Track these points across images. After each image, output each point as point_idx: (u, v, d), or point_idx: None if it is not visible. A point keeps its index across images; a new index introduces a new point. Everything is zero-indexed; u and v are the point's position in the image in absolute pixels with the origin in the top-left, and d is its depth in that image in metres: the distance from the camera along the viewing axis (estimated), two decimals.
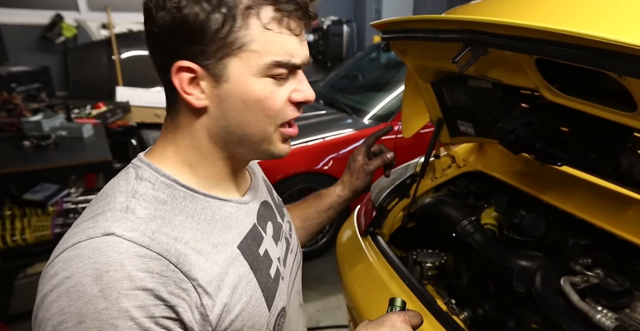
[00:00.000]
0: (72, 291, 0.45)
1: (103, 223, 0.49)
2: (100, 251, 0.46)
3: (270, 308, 0.61)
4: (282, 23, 0.53)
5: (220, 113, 0.56)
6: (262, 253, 0.63)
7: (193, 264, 0.51)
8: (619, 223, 1.05)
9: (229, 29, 0.51)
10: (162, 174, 0.56)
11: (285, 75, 0.56)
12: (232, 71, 0.53)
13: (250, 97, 0.54)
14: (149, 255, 0.48)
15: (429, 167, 1.52)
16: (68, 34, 4.27)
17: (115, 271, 0.45)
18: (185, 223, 0.54)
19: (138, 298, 0.45)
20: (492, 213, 1.35)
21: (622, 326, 0.85)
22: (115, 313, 0.44)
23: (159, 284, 0.47)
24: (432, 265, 1.30)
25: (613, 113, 0.80)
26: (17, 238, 2.05)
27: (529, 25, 0.72)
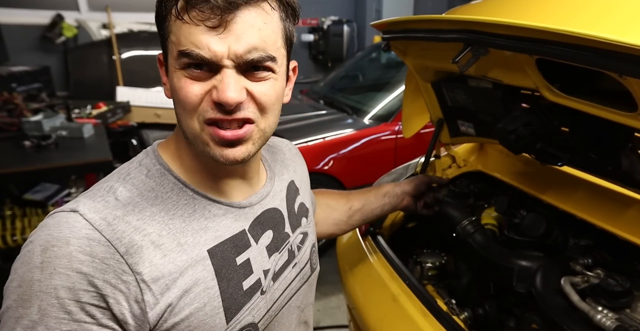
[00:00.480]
0: (26, 255, 0.48)
1: (82, 199, 0.53)
2: (58, 226, 0.49)
3: (230, 321, 0.58)
4: (190, 12, 0.50)
5: (174, 106, 0.57)
6: (239, 262, 0.60)
7: (144, 258, 0.51)
8: (619, 223, 1.05)
9: (162, 19, 0.53)
10: (160, 163, 0.58)
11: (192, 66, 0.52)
12: (169, 63, 0.54)
13: (174, 88, 0.54)
14: (97, 239, 0.49)
15: (429, 167, 1.52)
16: (68, 33, 4.27)
17: (59, 247, 0.47)
18: (156, 216, 0.54)
19: (69, 279, 0.46)
20: (493, 213, 1.35)
21: (623, 326, 0.85)
22: (44, 287, 0.46)
23: (97, 270, 0.48)
24: (432, 265, 1.30)
25: (613, 114, 0.80)
26: (18, 238, 2.05)
27: (530, 25, 0.72)
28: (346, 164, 2.77)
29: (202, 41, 0.50)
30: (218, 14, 0.49)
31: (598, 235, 1.11)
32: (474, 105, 1.32)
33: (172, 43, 0.52)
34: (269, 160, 0.76)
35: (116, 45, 4.14)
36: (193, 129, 0.54)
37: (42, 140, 2.19)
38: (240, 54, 0.51)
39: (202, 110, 0.53)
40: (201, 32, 0.50)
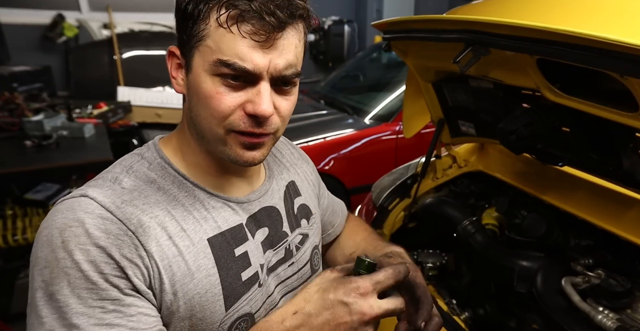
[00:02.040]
0: (44, 240, 0.51)
1: (89, 188, 0.56)
2: (72, 209, 0.52)
3: (229, 309, 0.60)
4: (241, 26, 0.51)
5: (190, 103, 0.58)
6: (237, 254, 0.62)
7: (152, 237, 0.54)
8: (620, 223, 1.05)
9: (194, 20, 0.53)
10: (161, 156, 0.61)
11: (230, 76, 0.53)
12: (194, 63, 0.55)
13: (200, 91, 0.55)
14: (110, 218, 0.52)
15: (430, 167, 1.52)
16: (69, 33, 4.28)
17: (76, 227, 0.51)
18: (160, 204, 0.57)
19: (90, 254, 0.50)
20: (493, 214, 1.35)
21: (624, 326, 0.85)
22: (69, 262, 0.49)
23: (113, 245, 0.51)
24: (433, 265, 1.30)
25: (614, 114, 0.80)
26: (19, 237, 2.05)
27: (531, 26, 0.72)
28: (347, 164, 2.77)
29: (247, 54, 0.52)
30: (269, 31, 0.51)
31: (599, 235, 1.11)
32: (474, 105, 1.32)
33: (208, 47, 0.53)
34: (268, 160, 0.77)
35: (117, 45, 4.14)
36: (214, 132, 0.56)
37: (43, 140, 2.19)
38: (280, 70, 0.54)
39: (232, 121, 0.55)
40: (248, 45, 0.51)
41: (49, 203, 2.27)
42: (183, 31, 0.55)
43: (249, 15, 0.50)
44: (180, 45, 0.57)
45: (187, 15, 0.53)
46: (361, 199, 1.74)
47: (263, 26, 0.51)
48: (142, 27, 4.52)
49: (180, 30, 0.56)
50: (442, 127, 1.45)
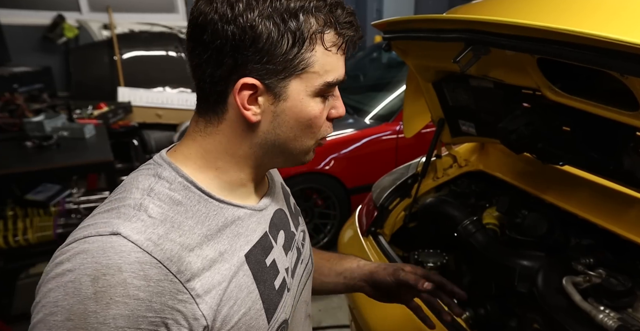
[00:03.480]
0: (69, 286, 0.45)
1: (114, 220, 0.49)
2: (104, 252, 0.46)
3: (270, 321, 0.59)
4: (341, 47, 0.56)
5: (271, 128, 0.57)
6: (268, 264, 0.62)
7: (194, 273, 0.50)
8: (621, 222, 1.05)
9: (297, 51, 0.52)
10: (181, 175, 0.56)
11: (332, 92, 0.59)
12: (291, 90, 0.55)
13: (304, 115, 0.57)
14: (149, 262, 0.47)
15: (431, 167, 1.52)
16: (70, 34, 4.28)
17: (112, 275, 0.45)
18: (195, 229, 0.53)
19: (127, 307, 0.45)
20: (494, 213, 1.35)
21: (625, 326, 0.85)
22: (102, 318, 0.44)
23: (154, 294, 0.47)
24: (433, 265, 1.30)
25: (615, 113, 0.80)
26: (20, 238, 2.05)
27: (531, 25, 0.72)
28: (347, 164, 2.77)
29: (343, 68, 0.58)
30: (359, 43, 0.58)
31: (600, 234, 1.11)
32: (475, 105, 1.32)
33: (315, 73, 0.55)
34: None
35: (117, 46, 4.14)
36: (306, 146, 0.61)
37: (43, 141, 2.19)
38: None
39: (323, 130, 0.61)
40: (342, 59, 0.58)
41: (50, 204, 2.27)
42: (270, 63, 0.52)
43: (354, 38, 0.56)
44: (264, 76, 0.53)
45: (281, 49, 0.52)
46: (362, 199, 1.74)
47: (358, 41, 0.58)
48: (142, 27, 4.52)
49: (265, 62, 0.52)
50: (442, 127, 1.45)
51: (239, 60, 0.52)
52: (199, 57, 0.54)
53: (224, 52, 0.52)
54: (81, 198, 2.42)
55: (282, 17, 0.51)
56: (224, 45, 0.51)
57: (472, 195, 1.51)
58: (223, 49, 0.52)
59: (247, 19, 0.50)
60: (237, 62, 0.52)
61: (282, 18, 0.51)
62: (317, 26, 0.53)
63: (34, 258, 2.30)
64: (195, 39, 0.54)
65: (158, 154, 0.60)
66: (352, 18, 0.55)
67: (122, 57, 4.15)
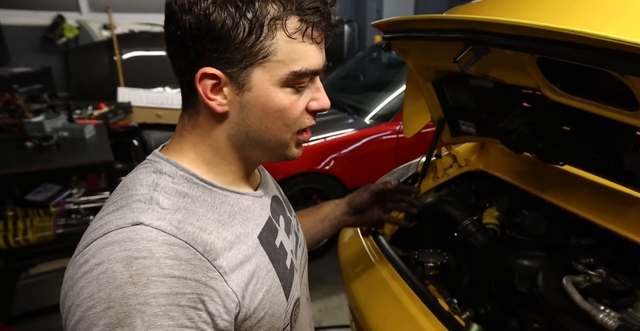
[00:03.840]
0: (102, 277, 0.45)
1: (130, 214, 0.50)
2: (131, 240, 0.47)
3: (288, 298, 0.63)
4: (306, 33, 0.53)
5: (240, 119, 0.57)
6: (278, 245, 0.65)
7: (218, 253, 0.52)
8: (621, 222, 1.05)
9: (255, 39, 0.51)
10: (181, 168, 0.57)
11: (306, 83, 0.57)
12: (255, 80, 0.54)
13: (271, 106, 0.56)
14: (177, 243, 0.49)
15: (431, 167, 1.52)
16: (69, 34, 4.28)
17: (144, 258, 0.46)
18: (208, 215, 0.55)
19: (166, 285, 0.46)
20: (494, 213, 1.35)
21: (625, 325, 0.84)
22: (142, 298, 0.45)
23: (187, 271, 0.48)
24: (433, 264, 1.30)
25: (615, 112, 0.80)
26: (20, 238, 2.05)
27: (531, 25, 0.72)
28: (347, 164, 2.77)
29: (315, 57, 0.55)
30: (329, 31, 0.56)
31: (600, 234, 1.11)
32: (475, 105, 1.32)
33: (278, 62, 0.53)
34: None
35: (117, 46, 4.14)
36: (282, 139, 0.59)
37: (43, 141, 2.19)
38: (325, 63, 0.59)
39: (301, 122, 0.59)
40: (315, 49, 0.55)
41: (50, 204, 2.27)
42: (228, 51, 0.52)
43: (320, 24, 0.54)
44: (224, 65, 0.53)
45: (238, 37, 0.51)
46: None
47: (323, 31, 0.55)
48: (142, 27, 4.53)
49: (222, 50, 0.52)
50: (442, 127, 1.45)
51: (199, 50, 0.52)
52: (168, 48, 0.55)
53: (185, 42, 0.52)
54: (81, 199, 2.42)
55: (237, 5, 0.50)
56: (184, 35, 0.52)
57: (472, 195, 1.51)
58: (184, 39, 0.52)
59: (201, 7, 0.50)
60: (198, 52, 0.52)
61: (237, 6, 0.50)
62: (275, 13, 0.51)
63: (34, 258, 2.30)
64: (165, 31, 0.55)
65: (152, 153, 0.61)
66: (317, 4, 0.53)
67: (122, 58, 4.15)
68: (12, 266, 2.26)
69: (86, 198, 2.43)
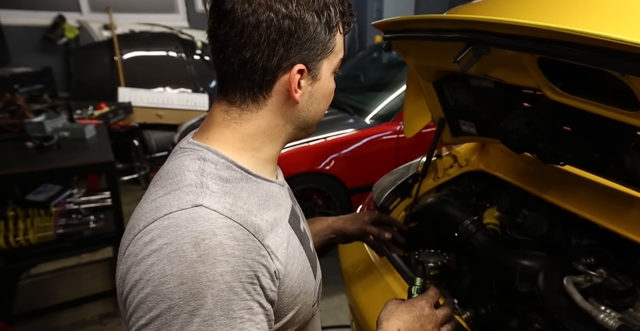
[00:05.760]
0: (173, 256, 0.50)
1: (186, 196, 0.55)
2: (195, 221, 0.52)
3: (315, 277, 0.70)
4: (346, 30, 0.66)
5: (305, 105, 0.65)
6: (302, 230, 0.72)
7: (264, 234, 0.57)
8: (622, 222, 1.05)
9: (330, 37, 0.62)
10: (222, 156, 0.62)
11: None
12: (323, 70, 0.64)
13: (328, 90, 0.67)
14: (233, 225, 0.54)
15: (431, 167, 1.52)
16: (70, 34, 4.29)
17: (209, 239, 0.51)
18: (250, 199, 0.60)
19: (229, 264, 0.51)
20: (495, 213, 1.35)
21: (626, 326, 0.84)
22: (212, 276, 0.50)
23: (244, 251, 0.53)
24: (434, 264, 1.30)
25: (616, 112, 0.80)
26: (20, 238, 2.06)
27: (531, 25, 0.72)
28: (347, 164, 2.77)
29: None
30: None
31: (601, 234, 1.11)
32: (475, 105, 1.31)
33: (335, 53, 0.64)
34: None
35: (117, 46, 4.15)
36: (320, 117, 0.70)
37: (44, 141, 2.19)
38: None
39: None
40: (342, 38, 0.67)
41: (50, 204, 2.27)
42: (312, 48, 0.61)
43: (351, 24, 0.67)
44: (307, 61, 0.61)
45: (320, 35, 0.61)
46: (362, 199, 1.74)
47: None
48: (143, 28, 4.53)
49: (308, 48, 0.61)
50: (443, 127, 1.45)
51: (290, 49, 0.60)
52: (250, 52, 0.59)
53: (278, 43, 0.59)
54: (82, 199, 2.42)
55: (321, 10, 0.60)
56: (279, 38, 0.58)
57: (472, 195, 1.51)
58: (278, 41, 0.59)
59: (299, 13, 0.58)
60: (289, 51, 0.60)
61: (321, 10, 0.60)
62: (338, 15, 0.63)
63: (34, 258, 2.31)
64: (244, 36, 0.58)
65: (187, 142, 0.64)
66: (350, 7, 0.66)
67: (123, 58, 4.15)
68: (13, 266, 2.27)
69: (87, 198, 2.44)
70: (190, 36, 4.62)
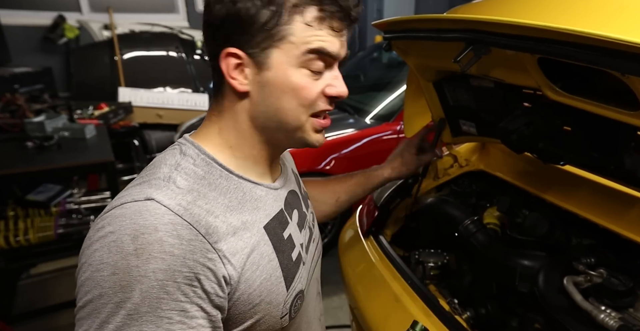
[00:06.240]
0: (112, 246, 0.50)
1: (147, 189, 0.55)
2: (140, 214, 0.52)
3: (289, 289, 0.65)
4: (324, 22, 0.59)
5: (260, 99, 0.62)
6: (286, 237, 0.68)
7: (220, 236, 0.56)
8: (622, 222, 1.05)
9: (274, 23, 0.57)
10: (203, 152, 0.62)
11: (321, 68, 0.62)
12: (273, 60, 0.59)
13: (288, 85, 0.60)
14: (181, 223, 0.53)
15: (431, 167, 1.52)
16: (70, 34, 4.29)
17: (149, 234, 0.50)
18: (218, 199, 0.59)
19: (165, 262, 0.50)
20: (495, 213, 1.35)
21: (626, 325, 0.84)
22: (143, 271, 0.49)
23: (187, 251, 0.52)
24: (434, 264, 1.30)
25: (616, 112, 0.80)
26: (21, 238, 2.06)
27: (532, 24, 0.72)
28: (348, 164, 2.77)
29: (333, 43, 0.61)
30: (345, 27, 0.62)
31: (601, 234, 1.11)
32: (475, 105, 1.31)
33: (294, 44, 0.59)
34: None
35: (118, 46, 4.15)
36: (298, 120, 0.63)
37: (44, 141, 2.19)
38: (345, 55, 0.64)
39: (319, 104, 0.63)
40: (331, 38, 0.60)
41: (51, 204, 2.27)
42: (249, 34, 0.58)
43: (333, 16, 0.59)
44: (246, 46, 0.59)
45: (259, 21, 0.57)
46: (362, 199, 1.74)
47: (342, 24, 0.61)
48: (143, 27, 4.53)
49: (244, 33, 0.58)
50: (443, 127, 1.45)
51: (225, 33, 0.59)
52: (204, 35, 0.62)
53: (216, 27, 0.59)
54: (82, 199, 2.42)
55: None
56: (215, 22, 0.59)
57: (472, 195, 1.51)
58: (215, 25, 0.59)
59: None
60: (224, 35, 0.59)
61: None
62: (295, 1, 0.57)
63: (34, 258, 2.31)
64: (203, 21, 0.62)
65: (182, 137, 0.66)
66: None
67: (123, 58, 4.15)
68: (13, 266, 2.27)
69: (87, 198, 2.43)
70: (191, 36, 4.62)
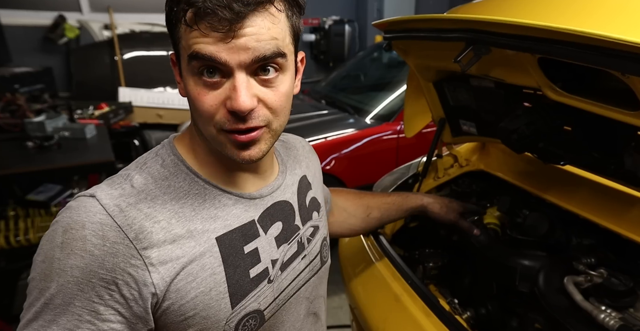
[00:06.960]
0: (49, 234, 0.53)
1: (102, 185, 0.57)
2: (77, 209, 0.53)
3: (235, 306, 0.60)
4: (200, 24, 0.50)
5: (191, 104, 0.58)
6: (247, 251, 0.63)
7: (152, 243, 0.54)
8: (622, 222, 1.05)
9: (171, 26, 0.55)
10: (174, 153, 0.62)
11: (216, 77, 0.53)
12: (182, 66, 0.56)
13: (189, 94, 0.56)
14: (109, 224, 0.52)
15: (431, 167, 1.52)
16: (71, 34, 4.29)
17: (76, 230, 0.51)
18: (167, 204, 0.57)
19: (83, 260, 0.51)
20: (495, 213, 1.35)
21: (626, 325, 0.84)
22: (62, 265, 0.51)
23: (108, 254, 0.51)
24: (434, 264, 1.30)
25: (616, 112, 0.80)
26: (21, 238, 2.06)
27: (532, 24, 0.72)
28: (348, 164, 2.77)
29: (214, 45, 0.51)
30: (226, 25, 0.50)
31: (601, 234, 1.11)
32: (476, 105, 1.31)
33: (183, 48, 0.54)
34: (282, 155, 0.79)
35: (118, 46, 4.14)
36: (210, 132, 0.57)
37: (44, 141, 2.19)
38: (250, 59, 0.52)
39: (218, 120, 0.54)
40: (211, 41, 0.51)
41: (51, 204, 2.28)
42: (171, 37, 0.57)
43: (204, 13, 0.49)
44: (175, 51, 0.58)
45: (168, 21, 0.55)
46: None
47: (219, 21, 0.49)
48: (143, 27, 4.53)
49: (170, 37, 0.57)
50: (443, 127, 1.45)
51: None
52: None
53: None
54: None
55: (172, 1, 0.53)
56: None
57: (473, 195, 1.51)
58: None
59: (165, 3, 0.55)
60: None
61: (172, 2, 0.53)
62: (183, 5, 0.51)
63: None
64: None
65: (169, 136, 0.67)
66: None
67: (123, 57, 4.15)
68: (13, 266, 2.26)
69: None
70: None
